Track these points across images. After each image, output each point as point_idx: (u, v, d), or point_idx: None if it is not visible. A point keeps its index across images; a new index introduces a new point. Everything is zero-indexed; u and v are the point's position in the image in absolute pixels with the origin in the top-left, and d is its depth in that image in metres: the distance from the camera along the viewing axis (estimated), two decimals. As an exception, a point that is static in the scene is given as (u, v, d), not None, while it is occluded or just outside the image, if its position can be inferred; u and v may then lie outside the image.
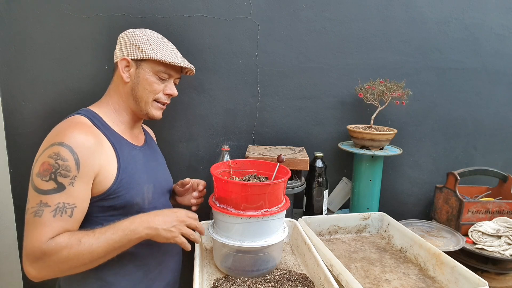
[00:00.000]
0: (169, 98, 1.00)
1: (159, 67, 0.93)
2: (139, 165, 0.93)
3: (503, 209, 1.34)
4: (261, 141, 1.48)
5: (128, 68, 0.92)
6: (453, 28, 1.46)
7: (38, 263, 0.74)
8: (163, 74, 0.94)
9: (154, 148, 1.10)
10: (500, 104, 1.56)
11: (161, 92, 0.96)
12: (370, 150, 1.33)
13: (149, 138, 1.10)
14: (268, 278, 0.91)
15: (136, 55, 0.91)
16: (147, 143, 1.05)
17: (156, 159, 1.06)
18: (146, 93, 0.94)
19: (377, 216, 1.25)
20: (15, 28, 1.31)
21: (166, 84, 0.97)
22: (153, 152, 1.06)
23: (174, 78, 0.99)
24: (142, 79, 0.92)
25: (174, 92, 0.98)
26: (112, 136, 0.89)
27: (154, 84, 0.94)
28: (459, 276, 0.89)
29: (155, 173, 1.00)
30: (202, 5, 1.35)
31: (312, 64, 1.44)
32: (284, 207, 0.92)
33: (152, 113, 0.97)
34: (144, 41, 0.92)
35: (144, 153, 0.99)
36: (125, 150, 0.91)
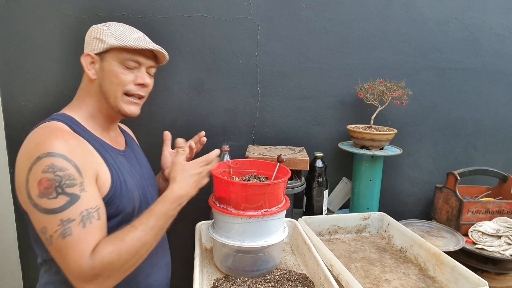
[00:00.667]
0: (143, 90, 0.87)
1: (123, 54, 0.82)
2: (126, 172, 0.85)
3: (503, 209, 1.34)
4: (261, 141, 1.48)
5: (93, 64, 0.83)
6: (453, 28, 1.46)
7: (94, 281, 0.68)
8: (130, 62, 0.83)
9: (137, 150, 1.02)
10: (500, 104, 1.56)
11: (132, 83, 0.84)
12: (370, 150, 1.33)
13: (130, 140, 1.01)
14: (268, 278, 0.91)
15: (98, 47, 0.82)
16: (128, 146, 0.97)
17: (140, 163, 0.97)
18: (113, 86, 0.83)
19: (377, 216, 1.25)
20: (15, 28, 1.31)
21: (136, 74, 0.85)
22: (136, 155, 0.97)
23: (146, 66, 0.87)
24: (107, 72, 0.82)
25: (145, 81, 0.86)
26: (94, 142, 0.81)
27: (120, 75, 0.83)
28: (459, 276, 0.89)
29: (141, 178, 0.92)
30: (202, 5, 1.35)
31: (312, 64, 1.44)
32: (284, 207, 0.92)
33: (124, 109, 0.85)
34: (105, 32, 0.82)
35: (127, 157, 0.91)
36: (110, 156, 0.82)
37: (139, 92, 0.86)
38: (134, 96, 0.86)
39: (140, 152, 1.03)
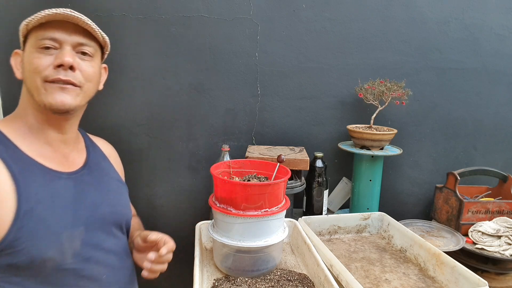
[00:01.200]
0: (67, 73, 0.69)
1: (35, 34, 0.68)
2: (60, 202, 0.68)
3: (503, 209, 1.34)
4: (261, 141, 1.48)
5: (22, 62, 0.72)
6: (453, 28, 1.46)
7: None
8: (45, 41, 0.68)
9: (103, 170, 0.84)
10: (500, 104, 1.56)
11: (50, 66, 0.68)
12: (370, 150, 1.33)
13: (96, 158, 0.84)
14: (268, 278, 0.91)
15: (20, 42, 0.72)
16: (87, 166, 0.79)
17: (100, 186, 0.79)
18: (30, 76, 0.68)
19: (377, 216, 1.25)
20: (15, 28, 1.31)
21: (55, 55, 0.69)
22: (97, 177, 0.80)
23: (71, 44, 0.70)
24: (25, 63, 0.70)
25: (63, 59, 0.67)
26: (16, 163, 0.64)
27: (34, 60, 0.67)
28: (459, 276, 0.89)
29: (93, 208, 0.74)
30: (202, 5, 1.35)
31: (312, 64, 1.44)
32: (284, 207, 0.92)
33: (48, 101, 0.68)
34: (23, 26, 0.71)
35: (77, 181, 0.73)
36: (36, 182, 0.65)
37: (59, 76, 0.68)
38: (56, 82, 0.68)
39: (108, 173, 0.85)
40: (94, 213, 0.74)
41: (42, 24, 0.68)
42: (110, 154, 0.92)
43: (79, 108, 0.76)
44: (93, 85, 0.77)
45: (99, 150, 0.88)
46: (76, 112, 0.76)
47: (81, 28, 0.72)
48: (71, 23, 0.70)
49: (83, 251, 0.70)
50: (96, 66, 0.77)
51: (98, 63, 0.79)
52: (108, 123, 1.39)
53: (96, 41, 0.77)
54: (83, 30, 0.72)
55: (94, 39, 0.76)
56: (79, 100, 0.73)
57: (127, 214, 0.86)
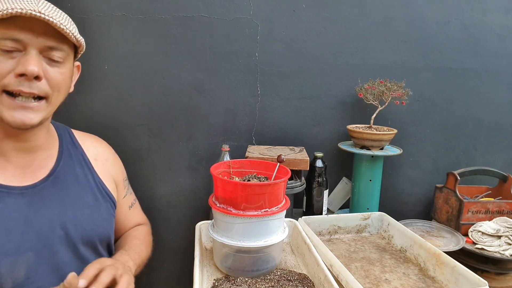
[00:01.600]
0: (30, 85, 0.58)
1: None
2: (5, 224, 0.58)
3: (503, 209, 1.34)
4: (261, 141, 1.48)
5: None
6: (453, 28, 1.46)
7: None
8: (5, 41, 0.56)
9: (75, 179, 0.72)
10: (500, 104, 1.56)
11: (11, 73, 0.57)
12: (370, 150, 1.33)
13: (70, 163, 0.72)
14: (268, 278, 0.91)
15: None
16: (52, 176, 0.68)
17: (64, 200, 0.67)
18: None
19: (377, 216, 1.25)
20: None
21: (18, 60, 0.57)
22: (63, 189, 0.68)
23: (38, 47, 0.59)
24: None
25: (27, 68, 0.56)
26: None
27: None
28: (459, 276, 0.89)
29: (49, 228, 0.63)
30: (202, 5, 1.35)
31: (312, 64, 1.44)
32: (284, 207, 0.92)
33: (5, 117, 0.58)
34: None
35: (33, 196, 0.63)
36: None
37: (20, 88, 0.57)
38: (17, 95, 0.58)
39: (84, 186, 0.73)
40: (50, 234, 0.63)
41: (4, 20, 0.55)
42: (97, 156, 0.79)
43: (46, 120, 0.66)
44: (62, 93, 0.66)
45: (79, 154, 0.75)
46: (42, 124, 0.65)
47: (51, 28, 0.59)
48: (40, 21, 0.57)
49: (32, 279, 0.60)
50: (66, 71, 0.65)
51: (69, 68, 0.67)
52: (108, 123, 1.39)
53: (69, 42, 0.65)
54: (53, 31, 0.60)
55: (66, 40, 0.64)
56: (44, 114, 0.62)
57: (102, 231, 0.74)
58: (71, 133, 0.80)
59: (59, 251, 0.64)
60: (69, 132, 0.81)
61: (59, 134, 0.77)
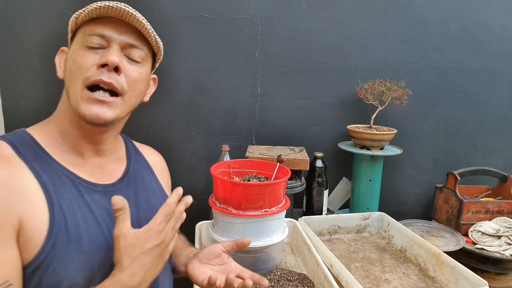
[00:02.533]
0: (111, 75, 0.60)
1: (83, 29, 0.61)
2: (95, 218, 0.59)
3: (503, 209, 1.34)
4: (261, 141, 1.48)
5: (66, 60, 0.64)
6: (453, 28, 1.46)
7: None
8: (92, 37, 0.60)
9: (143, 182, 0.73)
10: (500, 104, 1.56)
11: (94, 66, 0.59)
12: (370, 150, 1.33)
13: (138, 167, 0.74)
14: (268, 278, 0.91)
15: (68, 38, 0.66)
16: (125, 178, 0.69)
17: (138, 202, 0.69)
18: (72, 76, 0.60)
19: (377, 216, 1.25)
20: (15, 28, 1.31)
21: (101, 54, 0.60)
22: (135, 191, 0.70)
23: (120, 44, 0.62)
24: (68, 61, 0.62)
25: (109, 58, 0.59)
26: (46, 172, 0.57)
27: (78, 58, 0.59)
28: (459, 276, 0.89)
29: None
30: (202, 5, 1.35)
31: (312, 64, 1.44)
32: (284, 207, 0.92)
33: (82, 110, 0.59)
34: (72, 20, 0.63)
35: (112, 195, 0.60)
36: (68, 194, 0.57)
37: (101, 77, 0.59)
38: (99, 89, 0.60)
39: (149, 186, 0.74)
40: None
41: (92, 20, 0.61)
42: (156, 164, 0.81)
43: (118, 121, 0.66)
44: (136, 95, 0.66)
45: (143, 160, 0.77)
46: (114, 125, 0.66)
47: (133, 29, 0.64)
48: (123, 21, 0.62)
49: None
50: (144, 73, 0.67)
51: (146, 71, 0.69)
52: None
53: (148, 45, 0.69)
54: (135, 31, 0.64)
55: (146, 43, 0.68)
56: (118, 112, 0.63)
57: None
58: (132, 141, 0.84)
59: None
60: (130, 140, 0.84)
61: (124, 140, 0.81)
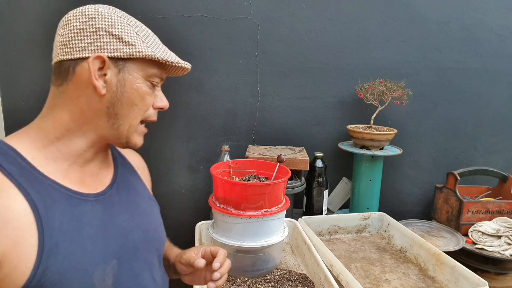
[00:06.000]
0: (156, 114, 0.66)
1: (153, 69, 0.61)
2: (89, 232, 0.56)
3: (503, 209, 1.34)
4: (261, 141, 1.48)
5: (102, 71, 0.56)
6: (453, 28, 1.46)
7: None
8: (157, 78, 0.63)
9: (132, 187, 0.70)
10: (500, 104, 1.56)
11: (151, 106, 0.63)
12: (370, 150, 1.33)
13: (125, 171, 0.71)
14: (268, 278, 0.91)
15: (119, 50, 0.56)
16: (115, 183, 0.66)
17: (129, 207, 0.66)
18: (135, 111, 0.60)
19: (377, 216, 1.25)
20: (15, 28, 1.31)
21: (155, 94, 0.64)
22: (125, 196, 0.67)
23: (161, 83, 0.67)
24: (130, 90, 0.58)
25: (166, 103, 0.65)
26: (34, 187, 0.52)
27: (147, 97, 0.61)
28: (459, 276, 0.89)
29: (124, 235, 0.62)
30: (202, 5, 1.35)
31: (312, 64, 1.44)
32: (284, 207, 0.92)
33: (135, 141, 0.63)
34: (126, 28, 0.58)
35: (105, 203, 0.61)
36: (59, 209, 0.53)
37: (155, 118, 0.65)
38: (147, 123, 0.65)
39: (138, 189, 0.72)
40: (126, 242, 0.61)
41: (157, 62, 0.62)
42: (139, 165, 0.78)
43: None
44: None
45: (127, 163, 0.74)
46: None
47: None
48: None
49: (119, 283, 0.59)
50: None
51: None
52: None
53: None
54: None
55: None
56: None
57: (161, 236, 0.72)
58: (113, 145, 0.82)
59: (133, 259, 0.63)
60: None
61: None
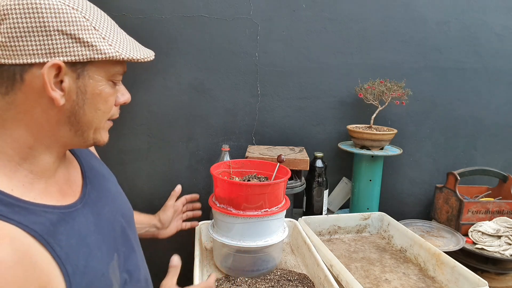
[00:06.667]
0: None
1: (116, 67, 0.55)
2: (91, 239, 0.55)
3: (503, 209, 1.34)
4: (261, 141, 1.48)
5: (58, 78, 0.49)
6: (453, 28, 1.46)
7: None
8: (119, 76, 0.57)
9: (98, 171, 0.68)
10: (500, 104, 1.56)
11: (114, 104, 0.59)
12: (370, 150, 1.33)
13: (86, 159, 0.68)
14: (268, 278, 0.91)
15: (77, 54, 0.49)
16: (87, 176, 0.64)
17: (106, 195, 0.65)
18: (99, 115, 0.55)
19: (377, 216, 1.25)
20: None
21: (116, 89, 0.58)
22: (98, 187, 0.64)
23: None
24: (92, 95, 0.53)
25: (128, 96, 0.61)
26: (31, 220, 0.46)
27: (110, 99, 0.56)
28: (459, 276, 0.89)
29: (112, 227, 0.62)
30: (202, 5, 1.35)
31: (312, 64, 1.44)
32: (284, 207, 0.92)
33: (103, 140, 0.60)
34: (84, 24, 0.49)
35: (89, 204, 0.59)
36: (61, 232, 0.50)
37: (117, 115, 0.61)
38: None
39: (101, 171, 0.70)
40: (115, 232, 0.62)
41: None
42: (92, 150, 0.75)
43: None
44: None
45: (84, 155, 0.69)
46: None
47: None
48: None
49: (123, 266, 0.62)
50: None
51: None
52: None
53: None
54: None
55: None
56: None
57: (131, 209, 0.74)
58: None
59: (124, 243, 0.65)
60: None
61: None
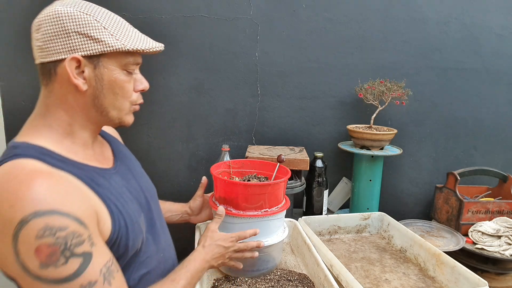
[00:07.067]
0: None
1: (127, 58, 0.66)
2: (125, 197, 0.69)
3: (503, 209, 1.34)
4: (261, 141, 1.48)
5: (80, 69, 0.63)
6: (453, 28, 1.46)
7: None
8: (133, 66, 0.68)
9: (126, 155, 0.83)
10: (500, 104, 1.56)
11: (133, 91, 0.70)
12: (370, 150, 1.33)
13: (116, 145, 0.82)
14: (268, 278, 0.91)
15: (91, 48, 0.62)
16: (117, 156, 0.78)
17: (133, 172, 0.79)
18: (118, 99, 0.67)
19: (377, 216, 1.25)
20: (15, 28, 1.31)
21: (134, 78, 0.70)
22: (127, 165, 0.79)
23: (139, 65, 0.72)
24: (108, 82, 0.65)
25: (147, 85, 0.71)
26: (80, 172, 0.62)
27: (126, 85, 0.67)
28: (459, 276, 0.89)
29: (141, 194, 0.77)
30: (202, 5, 1.35)
31: (312, 64, 1.44)
32: (284, 207, 0.92)
33: (127, 121, 0.71)
34: (94, 25, 0.63)
35: (121, 173, 0.74)
36: (102, 183, 0.65)
37: (141, 101, 0.72)
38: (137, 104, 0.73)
39: (129, 156, 0.84)
40: (141, 200, 0.76)
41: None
42: (115, 134, 0.89)
43: None
44: None
45: (109, 135, 0.84)
46: None
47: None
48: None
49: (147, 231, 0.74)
50: None
51: None
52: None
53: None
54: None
55: None
56: None
57: (154, 188, 0.87)
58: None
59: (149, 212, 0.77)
60: None
61: None
